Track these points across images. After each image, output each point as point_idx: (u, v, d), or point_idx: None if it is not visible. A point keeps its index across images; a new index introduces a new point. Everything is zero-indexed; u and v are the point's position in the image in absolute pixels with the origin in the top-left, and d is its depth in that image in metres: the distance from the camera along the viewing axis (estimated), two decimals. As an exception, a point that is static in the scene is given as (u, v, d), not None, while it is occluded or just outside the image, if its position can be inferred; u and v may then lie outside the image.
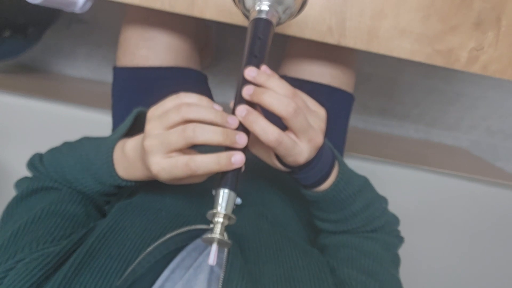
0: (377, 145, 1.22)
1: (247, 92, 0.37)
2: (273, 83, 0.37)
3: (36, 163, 0.50)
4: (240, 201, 0.51)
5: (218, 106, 0.38)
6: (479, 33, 0.58)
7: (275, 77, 0.37)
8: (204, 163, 0.35)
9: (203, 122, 0.36)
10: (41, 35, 1.12)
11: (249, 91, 0.37)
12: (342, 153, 0.74)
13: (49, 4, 0.57)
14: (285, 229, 0.52)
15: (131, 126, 0.48)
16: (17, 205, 0.46)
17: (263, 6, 0.40)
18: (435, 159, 1.15)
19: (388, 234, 0.53)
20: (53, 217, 0.44)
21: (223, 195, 0.34)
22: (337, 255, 0.49)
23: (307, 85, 0.71)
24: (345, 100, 0.73)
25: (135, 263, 0.37)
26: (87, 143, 0.49)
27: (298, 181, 0.46)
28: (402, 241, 0.55)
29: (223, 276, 0.36)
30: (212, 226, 0.34)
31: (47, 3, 0.56)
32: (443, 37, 0.58)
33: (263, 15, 0.40)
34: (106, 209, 0.54)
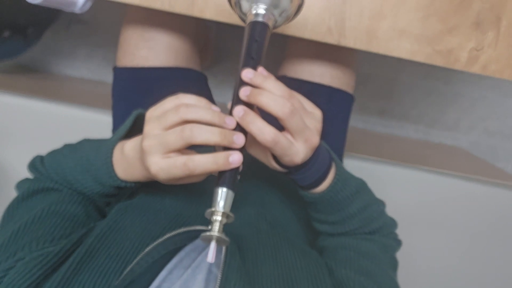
0: (377, 145, 1.22)
1: (244, 93, 0.37)
2: (269, 85, 0.37)
3: (37, 165, 0.50)
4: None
5: (216, 107, 0.38)
6: (478, 33, 0.58)
7: (272, 78, 0.38)
8: (202, 163, 0.35)
9: (201, 122, 0.36)
10: (41, 35, 1.12)
11: (246, 92, 0.37)
12: (342, 153, 0.74)
13: (49, 4, 0.57)
14: (284, 230, 0.52)
15: (130, 127, 0.49)
16: (18, 206, 0.47)
17: (259, 9, 0.41)
18: (435, 159, 1.15)
19: (385, 236, 0.53)
20: (53, 217, 0.44)
21: (221, 194, 0.34)
22: (335, 256, 0.49)
23: (307, 85, 0.71)
24: (345, 100, 0.73)
25: (133, 263, 0.37)
26: (88, 145, 0.49)
27: (295, 182, 0.46)
28: (400, 244, 0.55)
29: (220, 276, 0.36)
30: (210, 226, 0.34)
31: (47, 3, 0.56)
32: (443, 37, 0.58)
33: (260, 18, 0.41)
34: (106, 210, 0.54)
